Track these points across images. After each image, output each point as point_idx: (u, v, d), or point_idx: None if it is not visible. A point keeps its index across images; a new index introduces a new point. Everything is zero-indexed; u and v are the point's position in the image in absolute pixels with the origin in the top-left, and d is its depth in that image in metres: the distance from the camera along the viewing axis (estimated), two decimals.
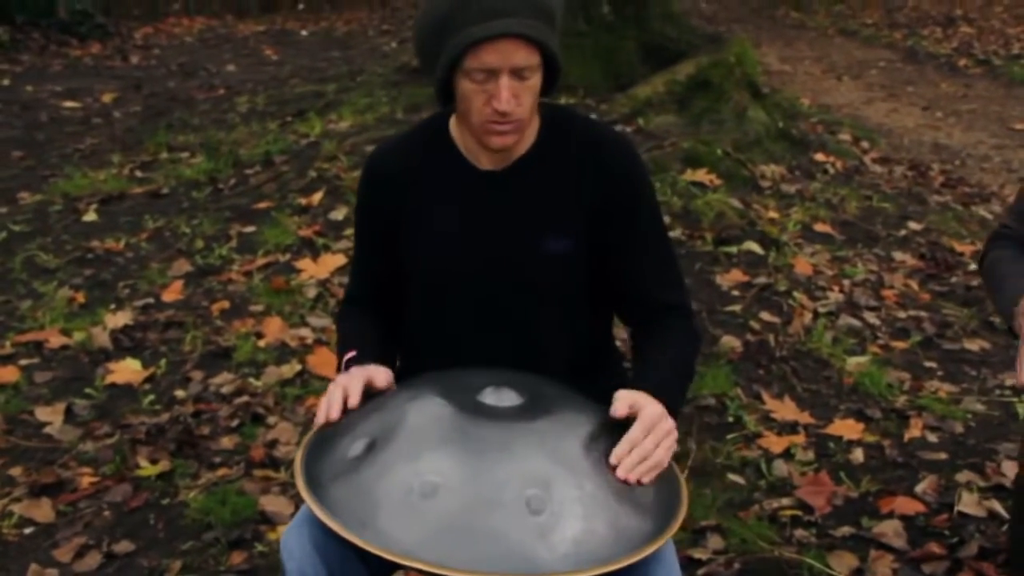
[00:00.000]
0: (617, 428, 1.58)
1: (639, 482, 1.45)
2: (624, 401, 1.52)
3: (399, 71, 6.43)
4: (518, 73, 1.56)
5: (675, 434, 1.53)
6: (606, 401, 1.61)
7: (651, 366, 1.65)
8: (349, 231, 4.14)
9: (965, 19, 11.12)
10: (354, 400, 1.58)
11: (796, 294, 3.65)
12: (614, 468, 1.48)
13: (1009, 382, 3.18)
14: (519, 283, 1.70)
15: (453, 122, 1.74)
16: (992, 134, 6.59)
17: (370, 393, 1.66)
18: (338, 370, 1.72)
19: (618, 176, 1.68)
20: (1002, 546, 2.38)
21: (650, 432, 1.49)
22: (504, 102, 1.56)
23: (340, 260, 3.90)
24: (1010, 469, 2.69)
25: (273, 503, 2.61)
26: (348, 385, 1.59)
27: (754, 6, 12.55)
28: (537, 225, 1.69)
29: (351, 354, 1.71)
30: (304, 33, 10.37)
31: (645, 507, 1.46)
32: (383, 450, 1.48)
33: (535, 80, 1.59)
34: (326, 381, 3.19)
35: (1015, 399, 3.08)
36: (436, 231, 1.73)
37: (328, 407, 1.57)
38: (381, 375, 1.64)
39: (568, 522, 1.38)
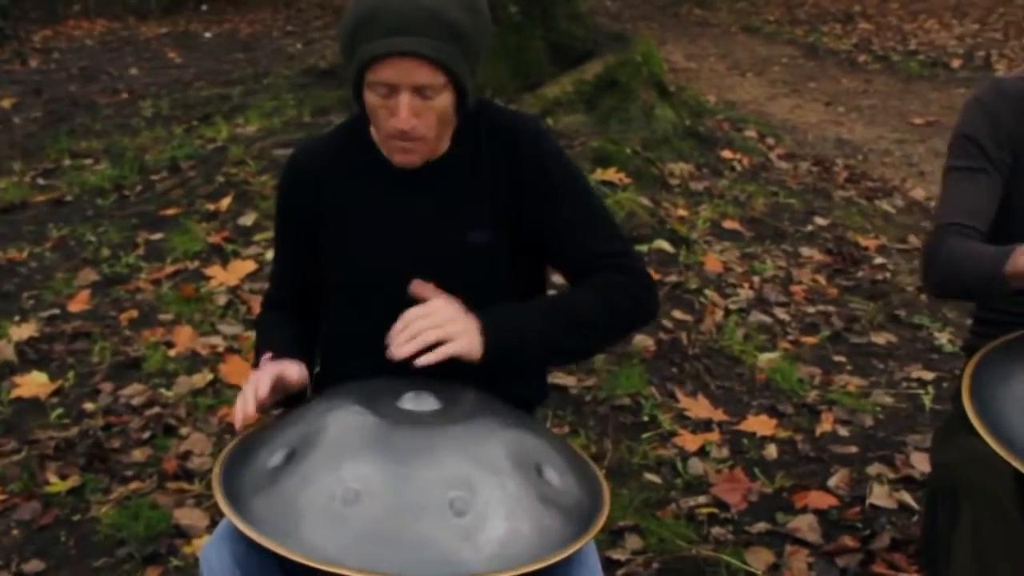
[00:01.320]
0: (538, 428, 1.59)
1: (413, 359, 1.52)
2: (428, 291, 1.60)
3: (306, 73, 6.35)
4: (420, 92, 1.56)
5: (458, 327, 1.56)
6: (529, 399, 1.63)
7: (519, 304, 1.66)
8: (259, 236, 4.08)
9: (863, 15, 11.40)
10: (263, 391, 1.59)
11: (707, 292, 3.70)
12: (538, 469, 1.49)
13: (916, 374, 3.27)
14: (442, 279, 1.70)
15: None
16: (893, 129, 6.77)
17: (288, 393, 1.66)
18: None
19: (527, 156, 1.69)
20: (913, 537, 2.44)
21: (427, 313, 1.54)
22: (402, 121, 1.57)
23: (250, 266, 3.84)
24: (919, 461, 2.76)
25: (188, 516, 2.56)
26: (257, 380, 1.60)
27: (658, 4, 12.69)
28: (457, 219, 1.70)
29: (267, 355, 1.70)
30: (208, 35, 10.17)
31: (568, 507, 1.47)
32: (303, 459, 1.47)
33: (441, 100, 1.59)
34: (239, 390, 3.12)
35: (921, 391, 3.17)
36: (357, 231, 1.73)
37: (244, 405, 1.57)
38: (293, 368, 1.66)
39: (492, 523, 1.39)
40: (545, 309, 1.65)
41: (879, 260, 4.16)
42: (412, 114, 1.57)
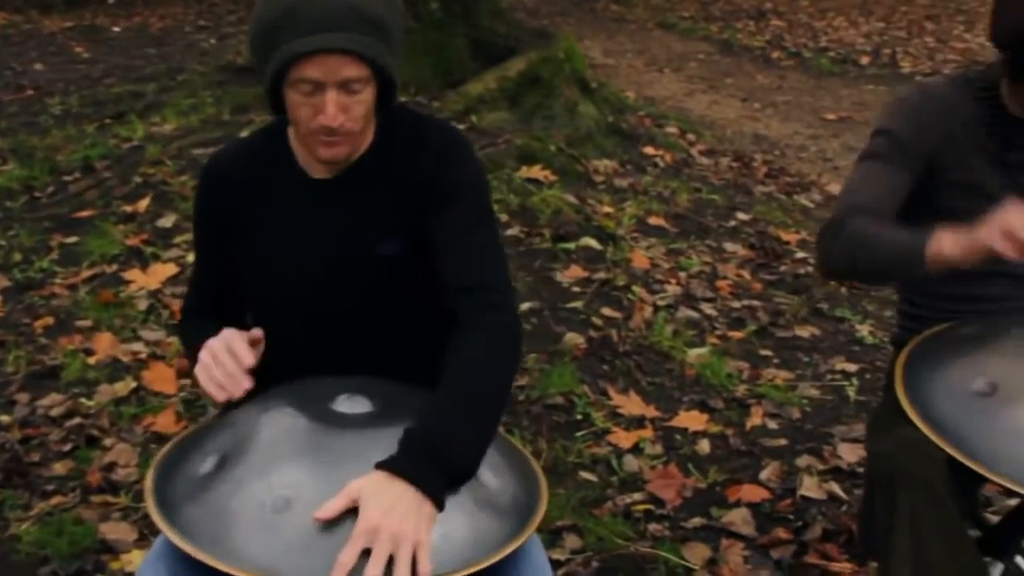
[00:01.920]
0: None
1: None
2: (340, 499, 1.34)
3: (223, 70, 6.22)
4: (346, 86, 1.55)
5: (421, 526, 1.33)
6: None
7: (430, 416, 1.46)
8: (179, 239, 3.98)
9: (775, 12, 11.61)
10: (247, 357, 1.55)
11: (635, 288, 3.72)
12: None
13: (840, 366, 3.33)
14: (356, 289, 1.69)
15: (291, 129, 1.72)
16: (807, 124, 6.91)
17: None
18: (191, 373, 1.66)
19: (437, 168, 1.67)
20: (843, 527, 2.49)
21: (370, 546, 1.30)
22: (330, 117, 1.55)
23: (171, 269, 3.75)
24: (846, 451, 2.82)
25: (114, 530, 2.49)
26: (229, 348, 1.55)
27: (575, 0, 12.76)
28: (371, 230, 1.68)
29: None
30: (116, 29, 9.91)
31: (504, 508, 1.46)
32: (235, 466, 1.45)
33: (366, 93, 1.58)
34: (163, 397, 3.06)
35: (846, 383, 3.23)
36: (269, 240, 1.71)
37: (230, 380, 1.54)
38: (255, 332, 1.62)
39: None
40: (453, 413, 1.48)
41: (800, 254, 4.24)
42: (339, 110, 1.55)
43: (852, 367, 3.33)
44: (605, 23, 11.41)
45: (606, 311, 3.54)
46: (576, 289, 3.68)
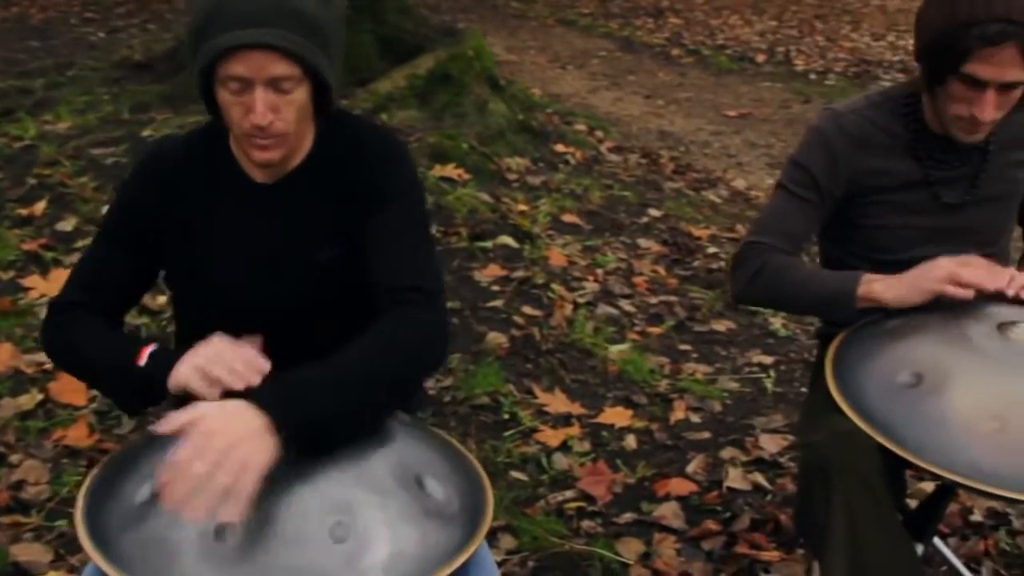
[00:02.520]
0: (417, 434, 1.55)
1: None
2: (185, 412, 1.34)
3: (119, 66, 6.04)
4: (275, 85, 1.51)
5: (258, 456, 1.32)
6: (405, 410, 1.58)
7: (308, 369, 1.46)
8: (82, 243, 3.84)
9: (672, 10, 11.76)
10: (263, 363, 1.50)
11: (554, 286, 3.73)
12: (418, 482, 1.46)
13: (756, 359, 3.40)
14: (294, 295, 1.67)
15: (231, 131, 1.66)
16: (709, 121, 7.02)
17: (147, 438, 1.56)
18: (130, 375, 1.55)
19: (374, 173, 1.66)
20: (770, 516, 2.53)
21: (201, 451, 1.29)
22: (259, 115, 1.51)
23: None
24: (767, 442, 2.87)
25: (27, 552, 2.38)
26: (238, 358, 1.49)
27: None
28: (310, 236, 1.66)
29: (152, 346, 1.57)
30: None
31: (452, 517, 1.45)
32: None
33: (299, 94, 1.54)
34: (73, 409, 2.95)
35: (763, 375, 3.30)
36: (210, 243, 1.67)
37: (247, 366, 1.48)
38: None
39: (375, 547, 1.35)
40: (329, 374, 1.47)
41: (712, 249, 4.30)
42: (269, 109, 1.51)
43: (768, 359, 3.40)
44: (506, 19, 11.42)
45: (527, 309, 3.54)
46: (495, 288, 3.67)
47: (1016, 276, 1.83)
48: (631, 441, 2.90)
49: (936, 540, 2.17)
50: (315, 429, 1.40)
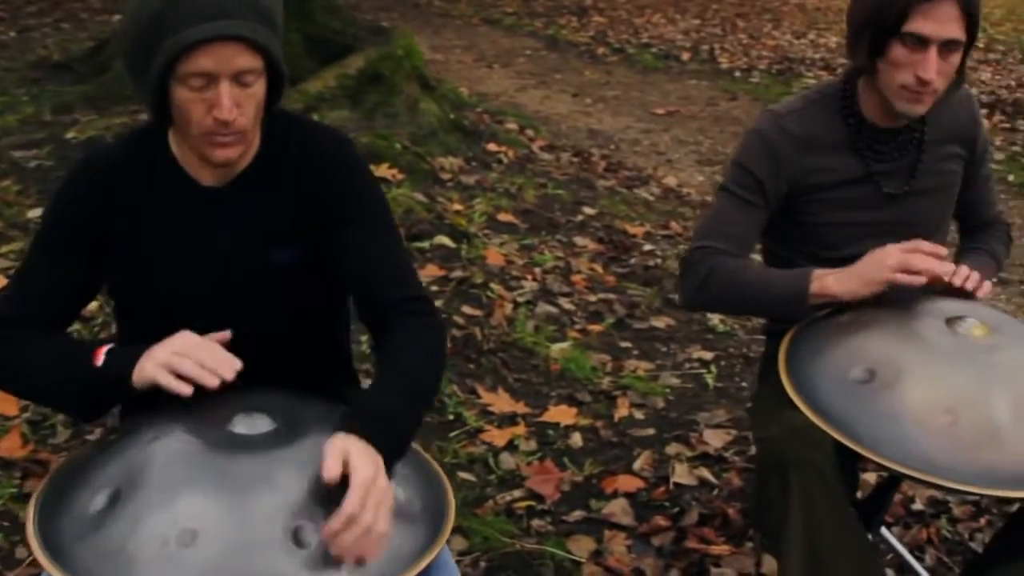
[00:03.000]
0: None
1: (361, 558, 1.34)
2: (336, 456, 1.36)
3: (36, 67, 5.89)
4: (239, 79, 1.48)
5: (391, 492, 1.38)
6: None
7: (373, 397, 1.51)
8: (5, 248, 3.73)
9: (595, 9, 11.84)
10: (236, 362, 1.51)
11: (493, 285, 3.73)
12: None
13: (697, 355, 3.43)
14: (250, 299, 1.64)
15: (172, 134, 1.63)
16: (638, 119, 7.08)
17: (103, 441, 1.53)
18: (88, 379, 1.52)
19: (336, 178, 1.64)
20: (718, 510, 2.56)
21: (366, 500, 1.33)
22: (226, 110, 1.48)
23: None
24: (711, 437, 2.91)
25: None
26: (207, 355, 1.49)
27: None
28: (264, 239, 1.63)
29: (107, 346, 1.53)
30: None
31: (415, 518, 1.45)
32: (130, 500, 1.36)
33: (258, 87, 1.52)
34: (4, 419, 2.85)
35: (704, 371, 3.34)
36: (155, 252, 1.63)
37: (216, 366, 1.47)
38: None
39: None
40: (404, 388, 1.53)
41: (648, 247, 4.34)
42: (233, 103, 1.48)
43: (708, 355, 3.44)
44: (430, 18, 11.38)
45: (467, 309, 3.53)
46: (435, 288, 3.66)
47: (960, 269, 1.87)
48: (577, 439, 2.91)
49: (883, 530, 2.22)
50: (398, 455, 1.47)
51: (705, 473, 2.74)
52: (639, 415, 3.06)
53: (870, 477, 2.49)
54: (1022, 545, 1.81)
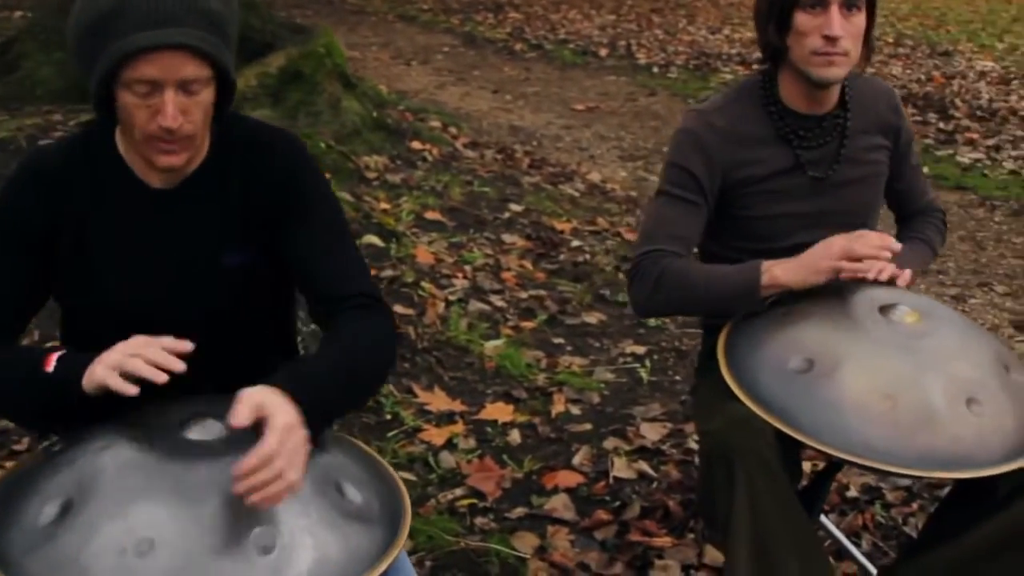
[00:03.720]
0: (329, 439, 1.53)
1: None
2: (247, 404, 1.36)
3: None
4: (185, 87, 1.46)
5: (307, 447, 1.39)
6: None
7: (305, 363, 1.55)
8: None
9: (511, 5, 11.88)
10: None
11: (424, 284, 3.72)
12: (338, 488, 1.45)
13: (629, 349, 3.47)
14: (200, 302, 1.63)
15: (119, 134, 1.60)
16: (559, 115, 7.12)
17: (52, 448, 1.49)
18: (40, 386, 1.49)
19: (286, 178, 1.64)
20: (658, 503, 2.60)
21: (283, 444, 1.34)
22: (170, 118, 1.46)
23: None
24: (648, 431, 2.94)
25: None
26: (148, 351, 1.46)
27: None
28: (214, 241, 1.62)
29: (59, 352, 1.50)
30: None
31: (373, 519, 1.45)
32: (83, 510, 1.34)
33: (206, 95, 1.50)
34: None
35: (638, 365, 3.37)
36: (108, 254, 1.61)
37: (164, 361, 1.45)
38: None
39: (300, 554, 1.34)
40: (339, 365, 1.53)
41: (576, 243, 4.37)
42: (178, 111, 1.46)
43: (640, 349, 3.48)
44: (344, 15, 11.29)
45: (399, 309, 3.52)
46: None
47: (887, 267, 1.92)
48: (515, 436, 2.92)
49: (822, 517, 2.28)
50: (324, 423, 1.47)
51: (644, 466, 2.78)
52: (576, 410, 3.08)
53: (806, 466, 2.55)
54: (955, 528, 1.86)
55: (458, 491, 2.65)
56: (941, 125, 6.87)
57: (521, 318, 3.63)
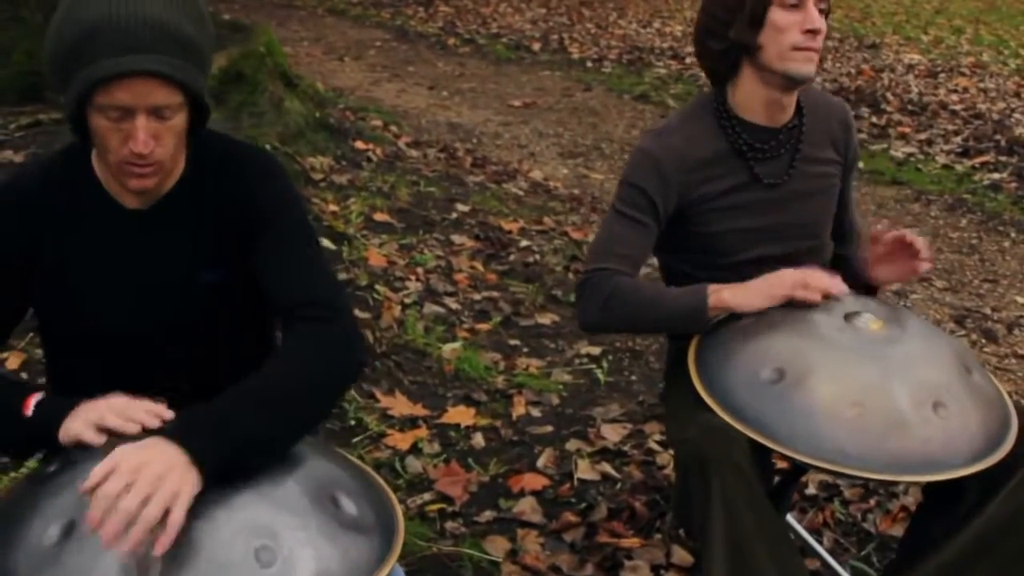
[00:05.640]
0: (321, 451, 1.55)
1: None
2: (101, 466, 1.32)
3: None
4: (157, 113, 1.48)
5: (184, 487, 1.32)
6: None
7: (212, 401, 1.46)
8: None
9: None
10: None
11: (378, 287, 3.73)
12: (333, 499, 1.47)
13: (585, 350, 3.53)
14: (178, 320, 1.65)
15: (95, 156, 1.61)
16: (496, 111, 7.15)
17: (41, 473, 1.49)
18: (16, 426, 1.50)
19: (252, 192, 1.65)
20: (624, 504, 2.66)
21: (130, 485, 1.30)
22: (141, 144, 1.48)
23: None
24: (609, 432, 3.00)
25: None
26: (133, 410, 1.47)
27: None
28: (191, 261, 1.64)
29: (38, 395, 1.51)
30: None
31: (368, 530, 1.48)
32: (88, 530, 1.33)
33: (178, 120, 1.52)
34: None
35: (594, 366, 3.43)
36: (84, 274, 1.62)
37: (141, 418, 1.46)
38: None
39: (301, 566, 1.37)
40: (255, 395, 1.48)
41: (524, 243, 4.42)
42: (150, 136, 1.48)
43: (596, 350, 3.53)
44: (273, 9, 11.16)
45: (356, 312, 3.51)
46: None
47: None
48: (479, 439, 2.96)
49: (789, 516, 2.35)
50: (233, 459, 1.41)
51: (607, 468, 2.83)
52: (536, 412, 3.13)
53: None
54: (933, 536, 1.93)
55: (426, 496, 2.68)
56: (874, 119, 7.03)
57: (476, 320, 3.67)
